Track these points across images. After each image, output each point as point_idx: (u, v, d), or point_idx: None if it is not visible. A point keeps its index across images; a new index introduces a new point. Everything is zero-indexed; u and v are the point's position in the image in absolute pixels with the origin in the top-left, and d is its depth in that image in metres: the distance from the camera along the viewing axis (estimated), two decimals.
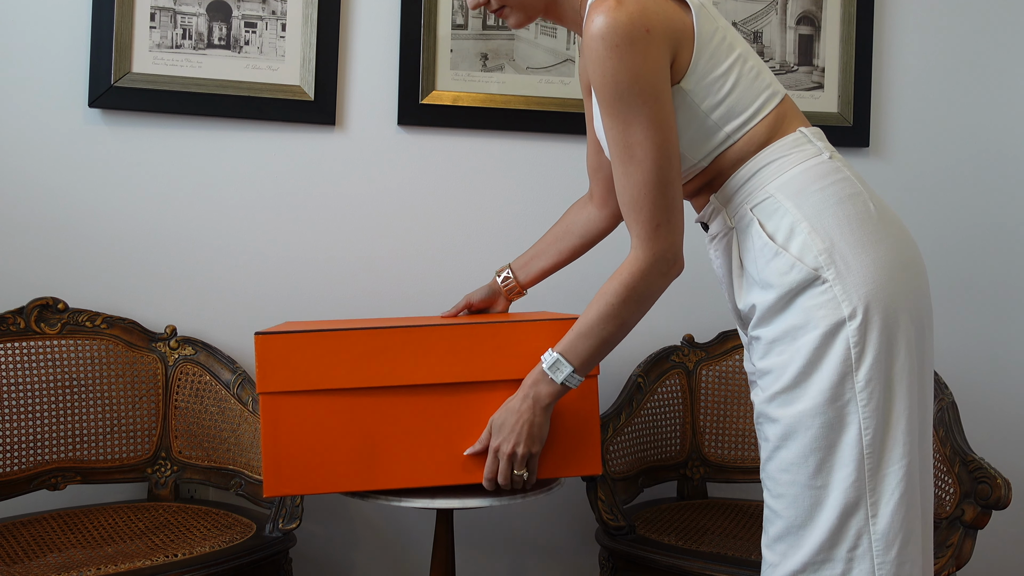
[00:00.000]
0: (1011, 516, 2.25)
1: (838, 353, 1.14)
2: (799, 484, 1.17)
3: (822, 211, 1.19)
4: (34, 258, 1.95)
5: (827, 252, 1.16)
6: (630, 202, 1.20)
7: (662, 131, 1.18)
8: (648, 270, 1.22)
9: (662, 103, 1.17)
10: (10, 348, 1.80)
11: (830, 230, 1.17)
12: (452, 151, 2.11)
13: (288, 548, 1.69)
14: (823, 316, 1.15)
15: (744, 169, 1.24)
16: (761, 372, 1.22)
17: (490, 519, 2.14)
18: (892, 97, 2.31)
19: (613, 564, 1.77)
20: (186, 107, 1.98)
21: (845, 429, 1.15)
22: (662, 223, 1.20)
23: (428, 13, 2.06)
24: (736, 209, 1.25)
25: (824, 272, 1.15)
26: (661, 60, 1.17)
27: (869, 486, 1.14)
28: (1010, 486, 1.56)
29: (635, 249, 1.22)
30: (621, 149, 1.19)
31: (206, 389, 1.90)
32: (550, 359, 1.31)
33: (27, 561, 1.51)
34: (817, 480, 1.15)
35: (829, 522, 1.15)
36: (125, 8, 1.94)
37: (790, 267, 1.16)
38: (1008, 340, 2.36)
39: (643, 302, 1.25)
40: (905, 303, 1.17)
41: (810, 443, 1.16)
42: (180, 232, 2.01)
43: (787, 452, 1.18)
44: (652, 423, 2.02)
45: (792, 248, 1.17)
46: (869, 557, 1.15)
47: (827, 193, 1.20)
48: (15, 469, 1.76)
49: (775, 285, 1.18)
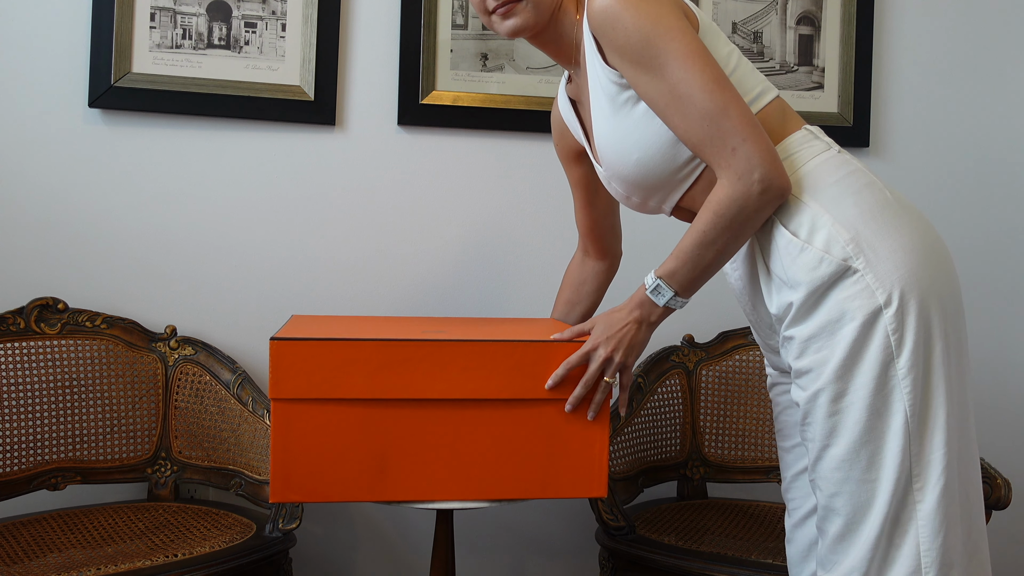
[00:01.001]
0: (1011, 516, 2.25)
1: (878, 342, 1.12)
2: (853, 480, 1.15)
3: (841, 202, 1.17)
4: (34, 258, 1.95)
5: (854, 241, 1.14)
6: (700, 142, 1.16)
7: (699, 59, 1.15)
8: (735, 195, 1.15)
9: (690, 35, 1.16)
10: (10, 348, 1.80)
11: (853, 220, 1.16)
12: (452, 151, 2.11)
13: (288, 548, 1.69)
14: (859, 306, 1.13)
15: None
16: (799, 372, 1.19)
17: (490, 519, 2.14)
18: (892, 97, 2.31)
19: (613, 564, 1.77)
20: (186, 107, 1.98)
21: (891, 417, 1.13)
22: (737, 146, 1.14)
23: (428, 13, 2.06)
24: None
25: (854, 262, 1.14)
26: (676, 9, 1.17)
27: (915, 472, 1.13)
28: (1010, 486, 1.56)
29: (720, 179, 1.17)
30: (668, 95, 1.16)
31: (206, 389, 1.90)
32: (652, 282, 1.25)
33: (27, 561, 1.51)
34: (870, 474, 1.14)
35: (882, 513, 1.14)
36: (125, 8, 1.94)
37: (819, 261, 1.15)
38: (1008, 340, 2.36)
39: (739, 227, 1.17)
40: (936, 287, 1.16)
41: (860, 436, 1.14)
42: (180, 232, 2.01)
43: (837, 449, 1.16)
44: (652, 423, 2.02)
45: (817, 242, 1.15)
46: (915, 544, 1.14)
47: (844, 185, 1.19)
48: (15, 469, 1.76)
49: (804, 282, 1.16)
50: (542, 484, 1.40)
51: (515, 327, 1.53)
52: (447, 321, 1.63)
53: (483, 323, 1.62)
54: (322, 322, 1.55)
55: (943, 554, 1.13)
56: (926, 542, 1.14)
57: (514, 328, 1.52)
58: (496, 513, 2.14)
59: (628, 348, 1.28)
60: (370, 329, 1.47)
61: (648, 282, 1.26)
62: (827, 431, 1.16)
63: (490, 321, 1.65)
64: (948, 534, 1.14)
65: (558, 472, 1.40)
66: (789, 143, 1.24)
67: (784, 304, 1.19)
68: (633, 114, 1.24)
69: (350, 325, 1.51)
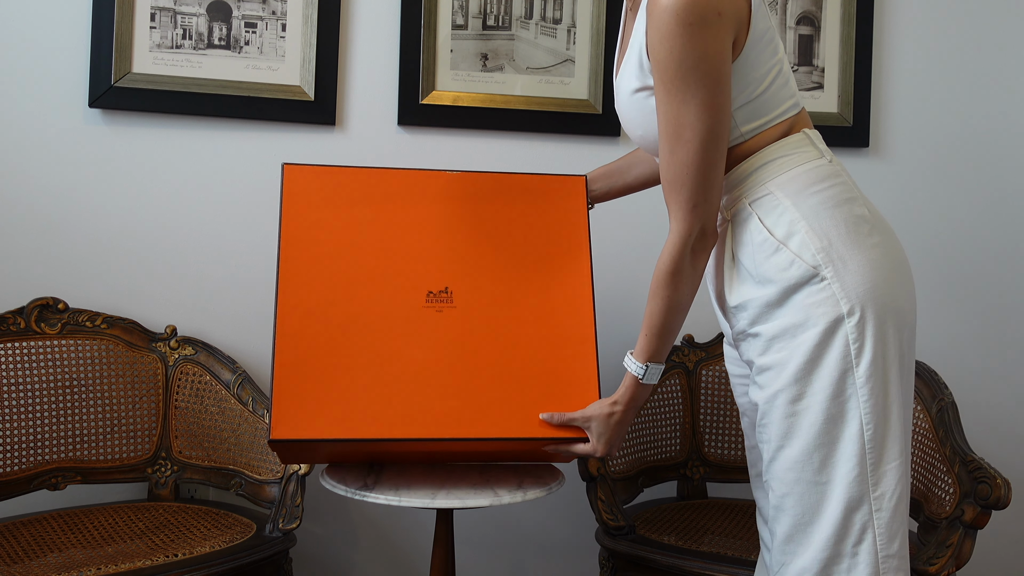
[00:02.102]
0: (1011, 516, 2.25)
1: (839, 349, 1.16)
2: (804, 481, 1.18)
3: (819, 212, 1.20)
4: (34, 258, 1.95)
5: (824, 251, 1.18)
6: (672, 180, 1.21)
7: (716, 115, 1.17)
8: (684, 244, 1.23)
9: (721, 87, 1.17)
10: (10, 348, 1.80)
11: (827, 230, 1.19)
12: (452, 151, 2.11)
13: (288, 548, 1.69)
14: (823, 313, 1.16)
15: (746, 163, 1.25)
16: (760, 368, 1.23)
17: (490, 519, 2.14)
18: (892, 97, 2.31)
19: (613, 564, 1.77)
20: (186, 107, 1.98)
21: (847, 424, 1.17)
22: (699, 203, 1.20)
23: (428, 13, 2.06)
24: (734, 202, 1.26)
25: (823, 270, 1.17)
26: (726, 43, 1.16)
27: (872, 480, 1.16)
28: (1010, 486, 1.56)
29: (672, 225, 1.23)
30: (672, 127, 1.19)
31: (206, 389, 1.90)
32: (641, 369, 1.33)
33: (27, 561, 1.51)
34: (822, 476, 1.17)
35: (835, 517, 1.17)
36: (125, 8, 1.94)
37: (790, 263, 1.18)
38: (1008, 339, 2.36)
39: (689, 278, 1.26)
40: (896, 304, 1.20)
41: (814, 439, 1.18)
42: (180, 232, 2.01)
43: (791, 450, 1.19)
44: (652, 423, 2.02)
45: (792, 245, 1.19)
46: (873, 551, 1.16)
47: (825, 195, 1.22)
48: (15, 469, 1.76)
49: (775, 280, 1.19)
50: (537, 425, 1.44)
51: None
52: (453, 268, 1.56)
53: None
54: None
55: (899, 563, 1.18)
56: (884, 550, 1.17)
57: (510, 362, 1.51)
58: (496, 513, 2.14)
59: (619, 442, 1.40)
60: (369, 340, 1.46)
61: (637, 370, 1.33)
62: (783, 432, 1.20)
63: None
64: (902, 544, 1.19)
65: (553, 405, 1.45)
66: (784, 143, 1.25)
67: (745, 298, 1.23)
68: (649, 103, 1.25)
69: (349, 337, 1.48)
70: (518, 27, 2.11)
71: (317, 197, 1.46)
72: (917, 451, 1.80)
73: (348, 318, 1.42)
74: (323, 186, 1.46)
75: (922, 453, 1.77)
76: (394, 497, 1.41)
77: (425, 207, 1.48)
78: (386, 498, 1.41)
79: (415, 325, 1.44)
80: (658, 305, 1.27)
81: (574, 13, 2.12)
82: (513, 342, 1.46)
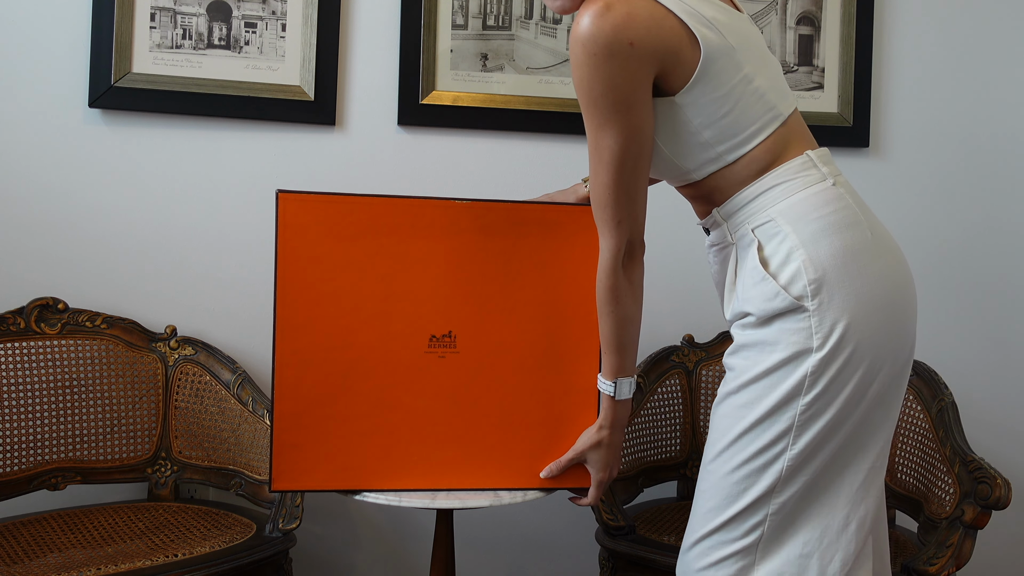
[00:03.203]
0: (1011, 516, 2.25)
1: (795, 377, 1.18)
2: (719, 474, 1.23)
3: (819, 240, 1.19)
4: (34, 258, 1.95)
5: (816, 283, 1.17)
6: (597, 200, 1.25)
7: (631, 140, 1.19)
8: (615, 260, 1.27)
9: (635, 113, 1.18)
10: (10, 348, 1.80)
11: (824, 260, 1.18)
12: (452, 151, 2.11)
13: (288, 548, 1.69)
14: (793, 342, 1.18)
15: (748, 190, 1.24)
16: (727, 365, 1.27)
17: (490, 519, 2.14)
18: (892, 97, 2.31)
19: (613, 564, 1.77)
20: (186, 107, 1.98)
21: (777, 443, 1.20)
22: (623, 219, 1.24)
23: (428, 13, 2.06)
24: (738, 227, 1.26)
25: (807, 302, 1.17)
26: (641, 73, 1.16)
27: (775, 516, 1.21)
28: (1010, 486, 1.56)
29: (602, 244, 1.28)
30: (592, 149, 1.22)
31: (206, 389, 1.90)
32: (611, 387, 1.36)
33: (27, 561, 1.51)
34: (735, 475, 1.22)
35: (735, 511, 1.22)
36: (125, 8, 1.94)
37: (774, 295, 1.19)
38: (1008, 340, 2.36)
39: (627, 291, 1.30)
40: (875, 342, 1.19)
41: (741, 444, 1.22)
42: (180, 232, 2.01)
43: (724, 442, 1.24)
44: (652, 423, 2.02)
45: (782, 277, 1.19)
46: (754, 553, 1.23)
47: (827, 222, 1.20)
48: (15, 469, 1.76)
49: (759, 308, 1.21)
50: (536, 474, 1.45)
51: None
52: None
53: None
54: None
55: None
56: (763, 552, 1.23)
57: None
58: (496, 513, 2.14)
59: (618, 461, 1.45)
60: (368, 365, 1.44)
61: (608, 388, 1.36)
62: (722, 427, 1.24)
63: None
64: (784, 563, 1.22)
65: (547, 461, 1.45)
66: (785, 169, 1.23)
67: (737, 313, 1.26)
68: None
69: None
70: (518, 27, 2.11)
71: (315, 231, 1.38)
72: (917, 451, 1.80)
73: (348, 365, 1.39)
74: (321, 217, 1.38)
75: (922, 453, 1.77)
76: (394, 497, 1.41)
77: (431, 241, 1.41)
78: (386, 498, 1.41)
79: (416, 372, 1.41)
80: (607, 322, 1.32)
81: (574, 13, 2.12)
82: (517, 390, 1.43)
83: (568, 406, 1.45)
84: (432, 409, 1.42)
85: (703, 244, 1.39)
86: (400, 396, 1.41)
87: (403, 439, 1.41)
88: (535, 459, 1.45)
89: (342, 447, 1.40)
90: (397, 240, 1.40)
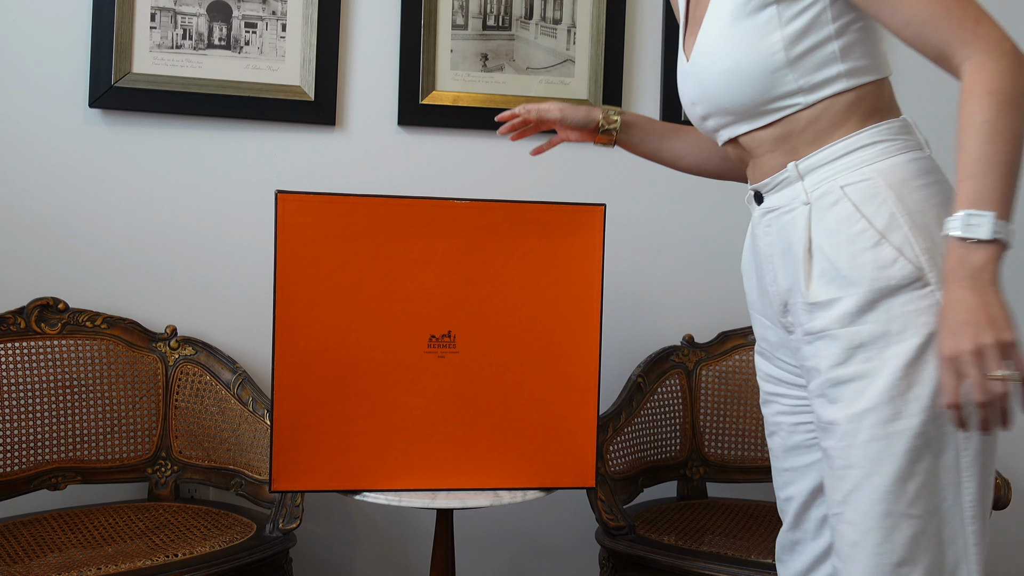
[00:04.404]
0: (1011, 516, 2.25)
1: (938, 366, 0.99)
2: (896, 515, 1.02)
3: (924, 209, 1.04)
4: (34, 258, 1.95)
5: (929, 252, 1.02)
6: (930, 18, 1.00)
7: None
8: (1004, 67, 0.98)
9: None
10: (10, 348, 1.80)
11: (932, 230, 1.03)
12: (452, 151, 2.11)
13: (288, 548, 1.69)
14: (924, 323, 1.01)
15: (843, 143, 1.08)
16: (836, 381, 1.06)
17: (490, 519, 2.14)
18: None
19: (613, 564, 1.77)
20: (186, 107, 1.98)
21: (944, 451, 1.03)
22: (980, 15, 1.00)
23: (428, 13, 2.06)
24: (820, 183, 1.08)
25: (927, 273, 1.02)
26: None
27: (971, 513, 1.05)
28: (1010, 486, 1.56)
29: (970, 59, 1.00)
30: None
31: (206, 389, 1.91)
32: (958, 224, 0.97)
33: (27, 561, 1.51)
34: (915, 509, 1.03)
35: (929, 558, 1.03)
36: (125, 8, 1.94)
37: (892, 261, 1.02)
38: None
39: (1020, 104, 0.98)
40: None
41: (909, 467, 1.02)
42: (180, 232, 2.01)
43: (881, 479, 1.03)
44: (652, 423, 2.02)
45: (894, 240, 1.03)
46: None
47: (931, 190, 1.06)
48: (15, 469, 1.76)
49: (868, 279, 1.03)
50: (535, 474, 1.45)
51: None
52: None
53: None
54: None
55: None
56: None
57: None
58: (496, 513, 2.14)
59: (991, 325, 0.95)
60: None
61: (953, 224, 0.98)
62: (871, 456, 1.03)
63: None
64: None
65: (540, 458, 1.46)
66: (887, 128, 1.09)
67: (832, 296, 1.06)
68: (755, 19, 1.08)
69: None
70: (518, 27, 2.11)
71: (314, 231, 1.39)
72: None
73: (347, 365, 1.40)
74: (321, 218, 1.39)
75: None
76: (394, 497, 1.41)
77: (431, 241, 1.42)
78: (386, 498, 1.41)
79: (416, 372, 1.42)
80: (992, 137, 0.97)
81: (574, 13, 2.12)
82: (515, 390, 1.44)
83: (568, 406, 1.45)
84: (432, 409, 1.42)
85: (703, 244, 1.38)
86: (400, 396, 1.41)
87: (403, 439, 1.41)
88: (535, 459, 1.45)
89: (342, 447, 1.40)
90: (397, 240, 1.41)
